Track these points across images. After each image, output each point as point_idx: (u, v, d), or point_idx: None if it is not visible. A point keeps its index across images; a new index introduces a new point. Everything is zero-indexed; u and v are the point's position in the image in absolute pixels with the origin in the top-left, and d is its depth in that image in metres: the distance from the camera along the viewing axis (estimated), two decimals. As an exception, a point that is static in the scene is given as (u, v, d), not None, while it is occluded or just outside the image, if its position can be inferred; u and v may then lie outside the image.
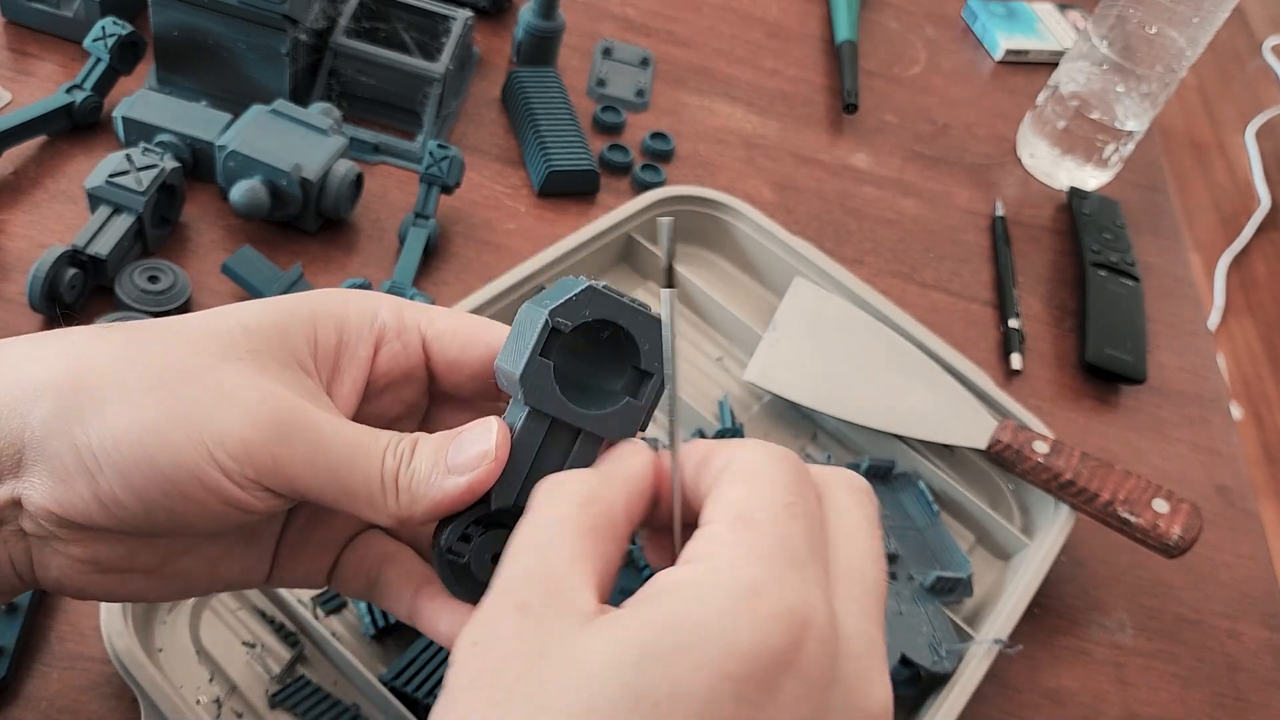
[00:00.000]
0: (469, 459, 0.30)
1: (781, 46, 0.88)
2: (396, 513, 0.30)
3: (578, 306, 0.29)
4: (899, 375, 0.60)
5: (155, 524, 0.29)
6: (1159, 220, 0.86)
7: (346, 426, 0.30)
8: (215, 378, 0.29)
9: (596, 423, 0.30)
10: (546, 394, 0.30)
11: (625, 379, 0.31)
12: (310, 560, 0.34)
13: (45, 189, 0.59)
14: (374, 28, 0.69)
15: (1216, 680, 0.58)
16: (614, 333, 0.30)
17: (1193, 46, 0.76)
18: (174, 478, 0.28)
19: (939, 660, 0.49)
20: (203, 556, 0.32)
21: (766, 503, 0.26)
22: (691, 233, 0.68)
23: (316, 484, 0.29)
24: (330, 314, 0.32)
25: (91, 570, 0.30)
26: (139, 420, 0.28)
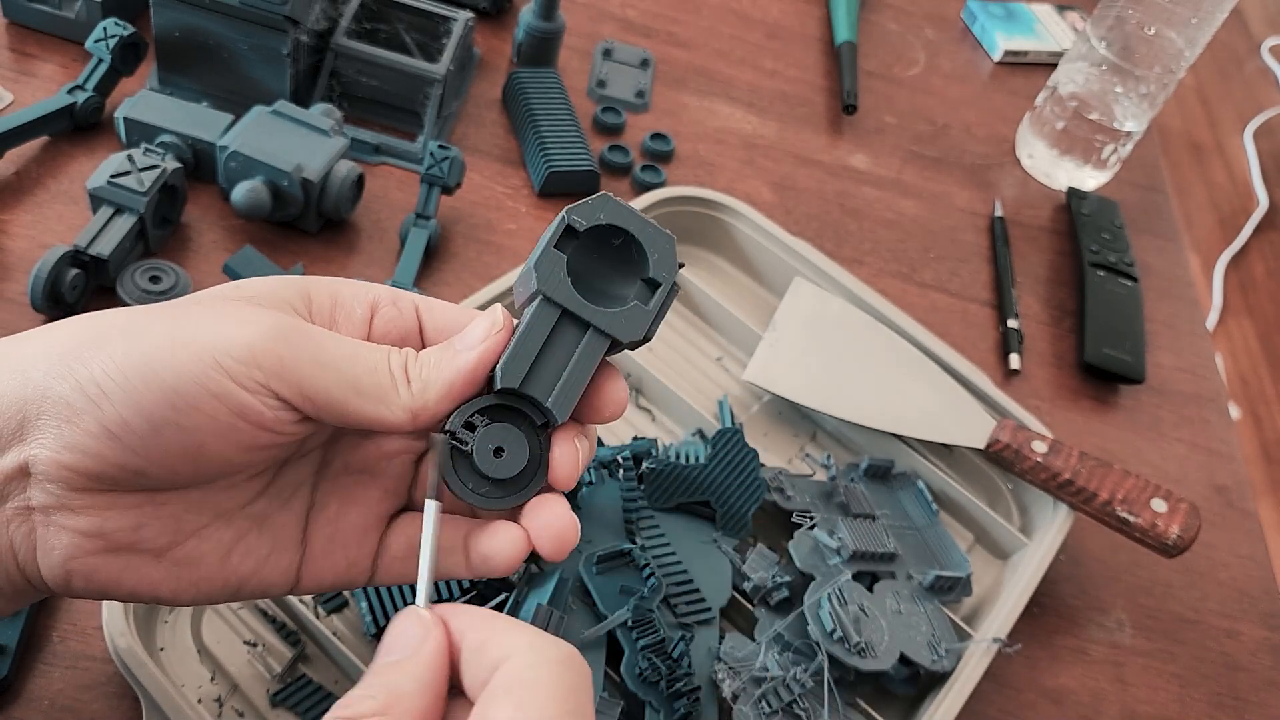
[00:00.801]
0: (477, 334, 0.31)
1: (781, 47, 0.88)
2: (409, 403, 0.30)
3: (593, 209, 0.31)
4: (898, 375, 0.60)
5: (168, 450, 0.28)
6: (1157, 221, 0.86)
7: (349, 339, 0.31)
8: (215, 308, 0.30)
9: (605, 319, 0.31)
10: (557, 282, 0.31)
11: (635, 289, 0.32)
12: (349, 549, 0.34)
13: (47, 189, 0.60)
14: (375, 29, 0.69)
15: (1215, 679, 0.59)
16: (625, 244, 0.32)
17: (1191, 47, 0.76)
18: (179, 388, 0.28)
19: (938, 659, 0.49)
20: (213, 540, 0.32)
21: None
22: (691, 233, 0.68)
23: (324, 382, 0.29)
24: (322, 284, 0.33)
25: (98, 549, 0.30)
26: (141, 346, 0.28)
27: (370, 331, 0.33)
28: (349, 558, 0.34)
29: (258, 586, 0.33)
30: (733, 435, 0.52)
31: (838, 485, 0.54)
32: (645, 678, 0.43)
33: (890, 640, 0.48)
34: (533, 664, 0.26)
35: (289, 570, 0.33)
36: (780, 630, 0.48)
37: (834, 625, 0.47)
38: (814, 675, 0.46)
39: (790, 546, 0.51)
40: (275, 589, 0.33)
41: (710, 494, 0.51)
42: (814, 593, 0.49)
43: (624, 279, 0.32)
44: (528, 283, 0.31)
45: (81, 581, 0.30)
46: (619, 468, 0.50)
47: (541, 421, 0.32)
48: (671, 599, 0.47)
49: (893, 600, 0.50)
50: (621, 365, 0.60)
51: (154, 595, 0.31)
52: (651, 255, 0.31)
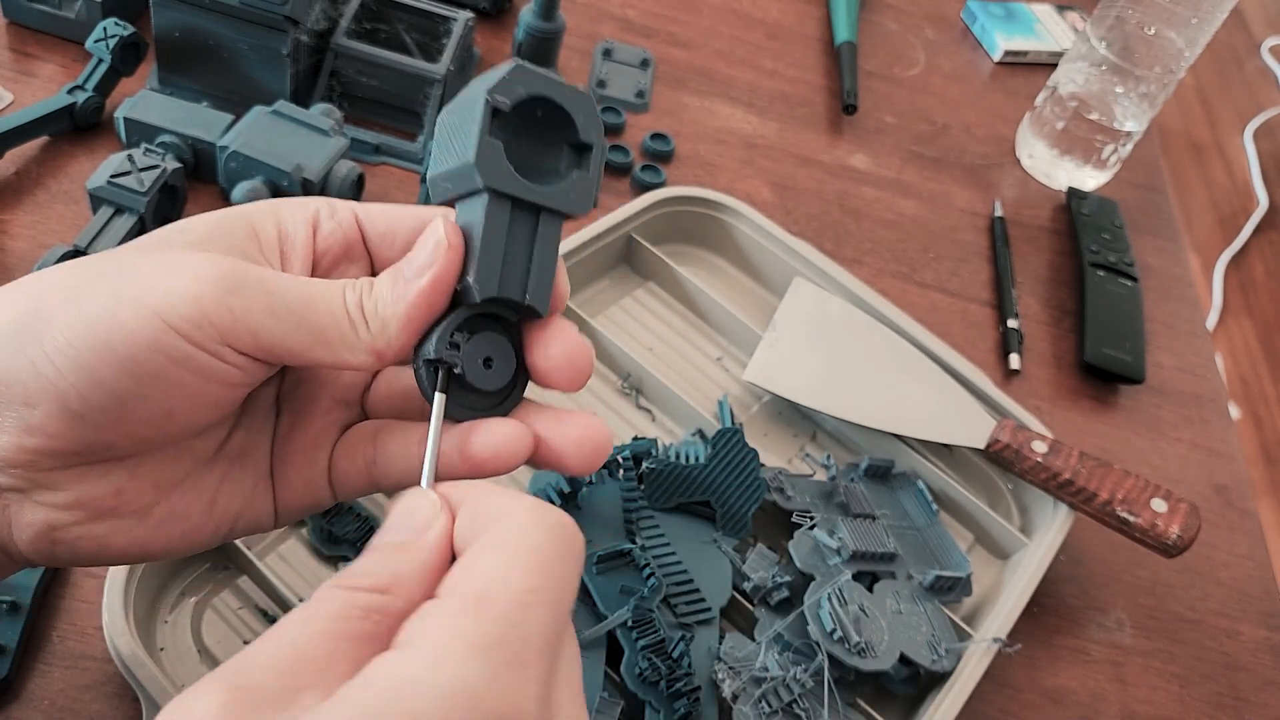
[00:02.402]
0: (424, 256, 0.29)
1: (781, 47, 0.88)
2: (371, 343, 0.29)
3: (512, 84, 0.29)
4: (898, 375, 0.60)
5: (134, 420, 0.28)
6: (1157, 221, 0.86)
7: (299, 278, 0.29)
8: (156, 258, 0.28)
9: (556, 198, 0.30)
10: (502, 172, 0.29)
11: (565, 157, 0.31)
12: (303, 467, 0.33)
13: (47, 189, 0.60)
14: (375, 29, 0.69)
15: (1215, 679, 0.59)
16: (547, 112, 0.30)
17: (1191, 47, 0.76)
18: (135, 357, 0.26)
19: (938, 659, 0.49)
20: (197, 490, 0.31)
21: (512, 586, 0.24)
22: (691, 233, 0.68)
23: (282, 331, 0.28)
24: (265, 212, 0.31)
25: (79, 519, 0.29)
26: (87, 313, 0.27)
27: (315, 251, 0.32)
28: (304, 476, 0.33)
29: (246, 524, 0.32)
30: (733, 435, 0.52)
31: (838, 485, 0.54)
32: (645, 678, 0.43)
33: (890, 640, 0.48)
34: (524, 525, 0.25)
35: (270, 501, 0.32)
36: (780, 630, 0.48)
37: (834, 625, 0.47)
38: (814, 675, 0.46)
39: (790, 546, 0.51)
40: (262, 524, 0.33)
41: (710, 494, 0.51)
42: (814, 593, 0.49)
43: (550, 148, 0.31)
44: (466, 179, 0.29)
45: (66, 551, 0.29)
46: (619, 468, 0.50)
47: (515, 319, 0.31)
48: (671, 599, 0.47)
49: (893, 600, 0.50)
50: (621, 364, 0.60)
51: (144, 554, 0.30)
52: (577, 119, 0.30)
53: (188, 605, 0.46)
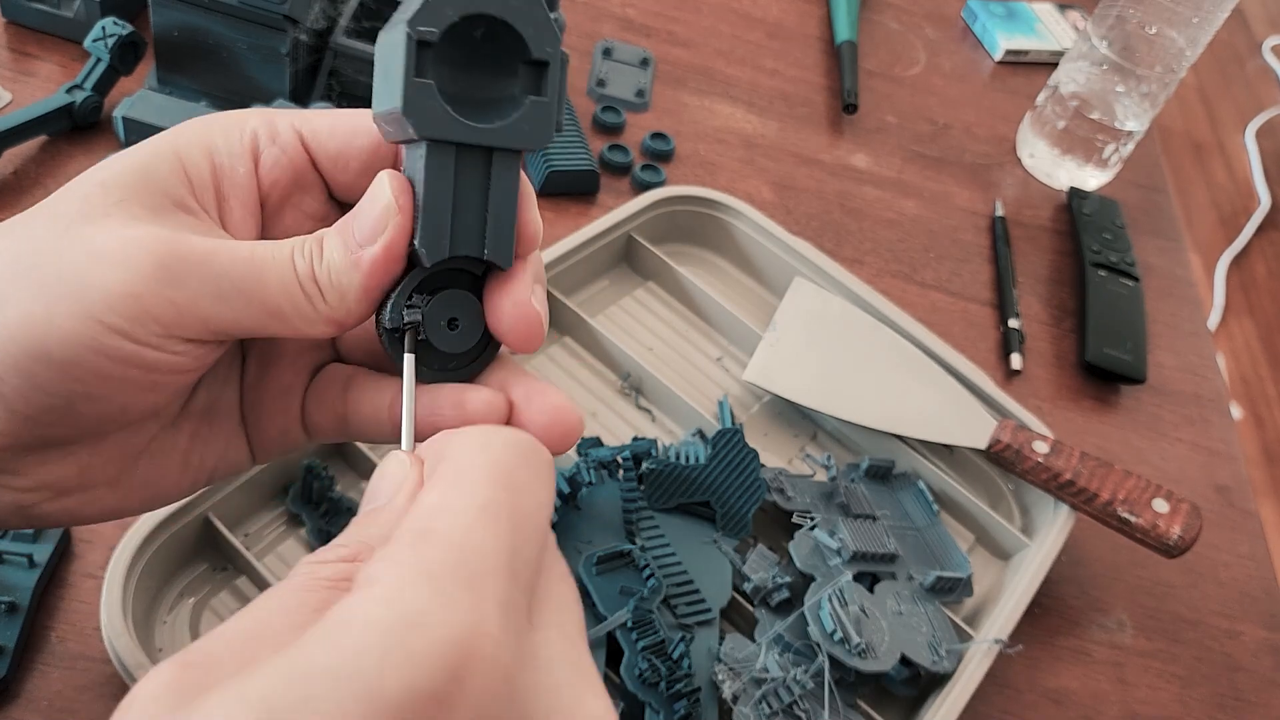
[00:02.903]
0: (373, 222, 0.26)
1: (781, 47, 0.88)
2: (329, 314, 0.27)
3: (437, 8, 0.25)
4: (899, 375, 0.60)
5: (86, 418, 0.26)
6: (1159, 220, 0.86)
7: (242, 246, 0.27)
8: (80, 243, 0.25)
9: (506, 135, 0.26)
10: (437, 117, 0.25)
11: (520, 80, 0.26)
12: (277, 414, 0.31)
13: (46, 189, 0.60)
14: (374, 28, 0.69)
15: (1216, 680, 0.59)
16: (488, 29, 0.26)
17: (1192, 47, 0.76)
18: (78, 362, 0.25)
19: (939, 660, 0.49)
20: (167, 453, 0.29)
21: (458, 507, 0.22)
22: (691, 232, 0.68)
23: (232, 313, 0.26)
24: (194, 143, 0.28)
25: (46, 498, 0.28)
26: (19, 316, 0.25)
27: (260, 185, 0.29)
28: (277, 424, 0.31)
29: (223, 472, 0.31)
30: (733, 435, 0.52)
31: (838, 486, 0.54)
32: (645, 679, 0.43)
33: (891, 641, 0.48)
34: (469, 450, 0.24)
35: (245, 448, 0.31)
36: (780, 631, 0.48)
37: (834, 626, 0.47)
38: (814, 676, 0.46)
39: (790, 547, 0.51)
40: (240, 468, 0.32)
41: (710, 494, 0.51)
42: (814, 593, 0.48)
43: (500, 72, 0.27)
44: (400, 127, 0.26)
45: (39, 521, 0.28)
46: (619, 468, 0.50)
47: (481, 270, 0.29)
48: (671, 599, 0.47)
49: (893, 601, 0.50)
50: (621, 364, 0.60)
51: (120, 515, 0.29)
52: (526, 32, 0.26)
53: (186, 606, 0.46)
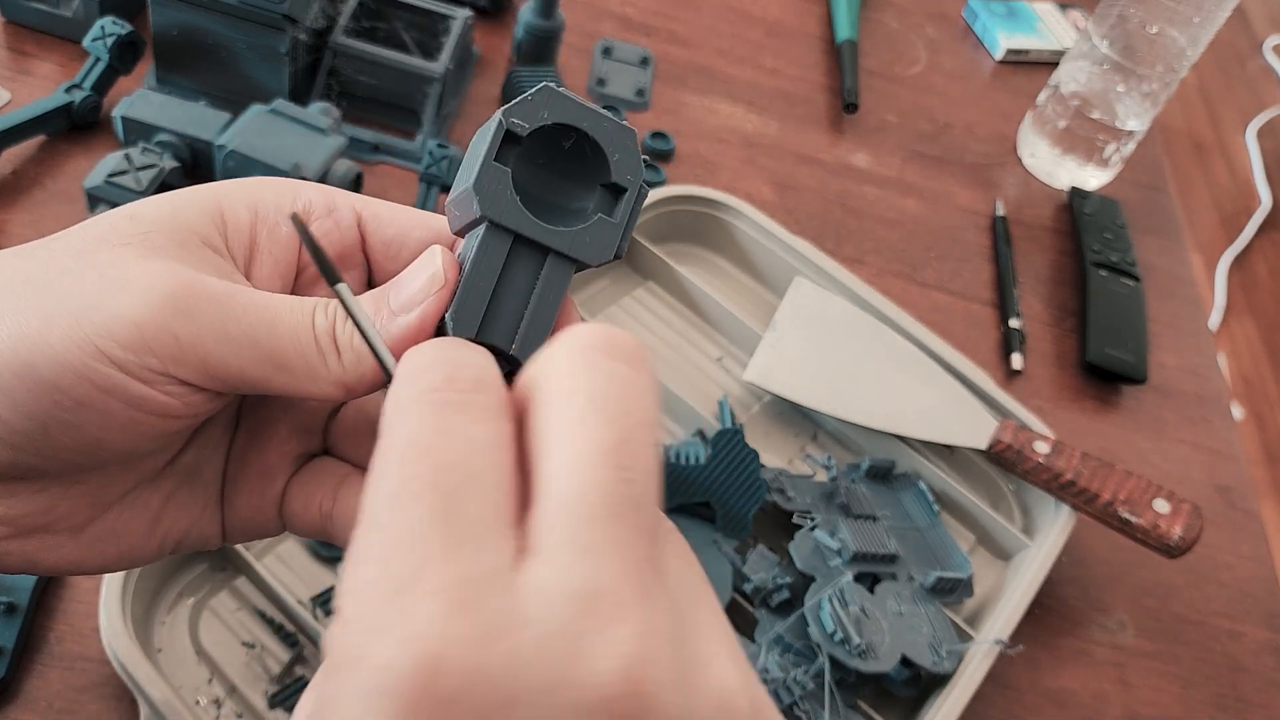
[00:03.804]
0: (416, 290, 0.25)
1: (782, 46, 0.88)
2: (341, 376, 0.25)
3: (534, 108, 0.25)
4: (899, 375, 0.60)
5: (60, 447, 0.25)
6: (1160, 220, 0.85)
7: (259, 293, 0.25)
8: (95, 266, 0.24)
9: (567, 240, 0.26)
10: (505, 203, 0.25)
11: (595, 199, 0.27)
12: (253, 495, 0.29)
13: (44, 188, 0.59)
14: (373, 27, 0.69)
15: (1217, 681, 0.58)
16: (577, 144, 0.26)
17: (1193, 46, 0.76)
18: (62, 385, 0.23)
19: (939, 661, 0.49)
20: (139, 508, 0.28)
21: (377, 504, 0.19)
22: (692, 232, 0.68)
23: (237, 360, 0.24)
24: (239, 193, 0.27)
25: (6, 534, 0.26)
26: (10, 326, 0.24)
27: (302, 253, 0.28)
28: (253, 504, 0.29)
29: (191, 543, 0.29)
30: (733, 436, 0.52)
31: (839, 486, 0.54)
32: (645, 680, 0.43)
33: (891, 642, 0.48)
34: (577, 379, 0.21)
35: (216, 521, 0.29)
36: (781, 632, 0.47)
37: (835, 627, 0.47)
38: (815, 677, 0.46)
39: (791, 547, 0.50)
40: (208, 543, 0.30)
41: (710, 495, 0.51)
42: (815, 594, 0.48)
43: (579, 186, 0.27)
44: (467, 206, 0.26)
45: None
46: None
47: (506, 369, 0.27)
48: (671, 600, 0.47)
49: (894, 601, 0.50)
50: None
51: (76, 570, 0.27)
52: (612, 155, 0.26)
53: (185, 606, 0.46)
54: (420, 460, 0.19)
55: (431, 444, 0.19)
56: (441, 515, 0.18)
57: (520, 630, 0.17)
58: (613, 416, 0.20)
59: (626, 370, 0.21)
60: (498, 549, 0.18)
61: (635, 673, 0.17)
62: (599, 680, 0.17)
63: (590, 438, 0.19)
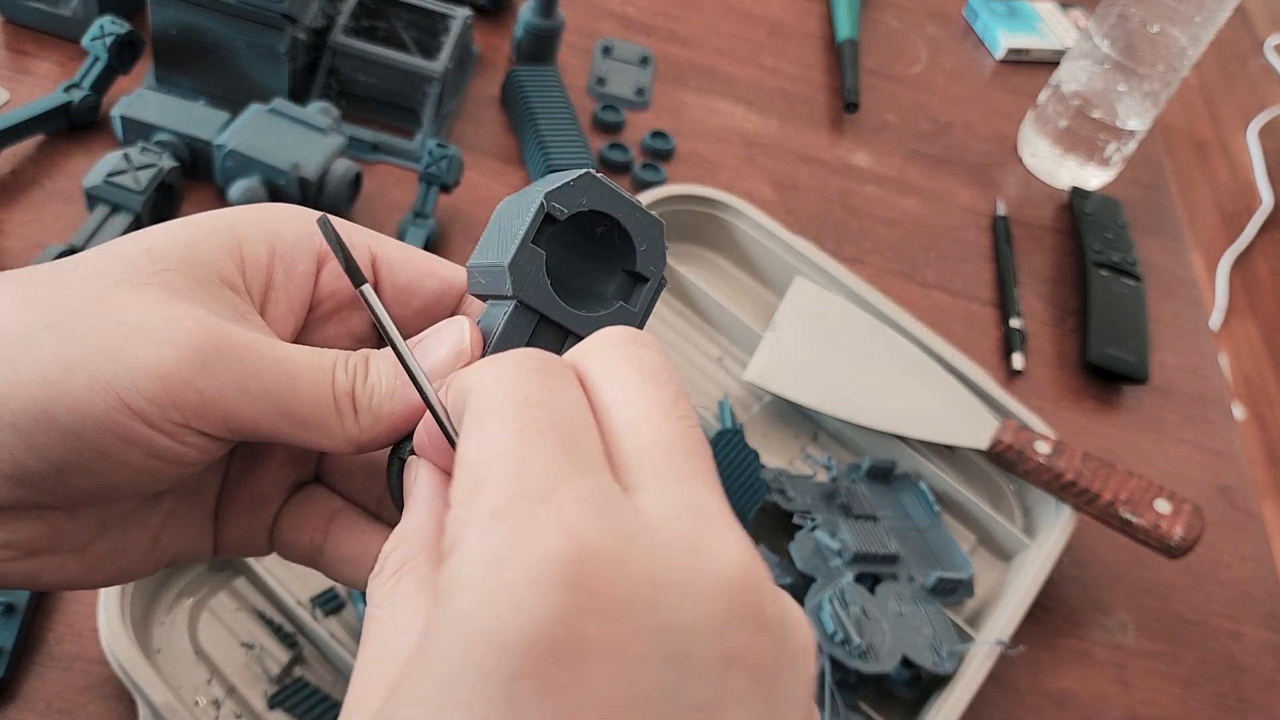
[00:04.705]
0: (440, 361, 0.26)
1: (782, 45, 0.87)
2: (356, 436, 0.26)
3: (575, 194, 0.26)
4: (900, 375, 0.60)
5: (74, 490, 0.25)
6: (1161, 220, 0.85)
7: (279, 346, 0.26)
8: (117, 310, 0.24)
9: (590, 325, 0.27)
10: (537, 286, 0.26)
11: (615, 283, 0.28)
12: (244, 518, 0.30)
13: (43, 188, 0.59)
14: (373, 26, 0.69)
15: (1218, 681, 0.58)
16: (607, 230, 0.27)
17: (1195, 45, 0.75)
18: (82, 434, 0.23)
19: (940, 661, 0.49)
20: (140, 527, 0.28)
21: (499, 443, 0.21)
22: (692, 232, 0.67)
23: (255, 415, 0.25)
24: (257, 225, 0.27)
25: (11, 557, 0.26)
26: (30, 372, 0.23)
27: (316, 289, 0.28)
28: (242, 528, 0.30)
29: (186, 558, 0.30)
30: (733, 436, 0.52)
31: (839, 486, 0.54)
32: (644, 680, 0.43)
33: (892, 642, 0.48)
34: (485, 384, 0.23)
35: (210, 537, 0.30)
36: (781, 632, 0.47)
37: (835, 627, 0.47)
38: (815, 678, 0.46)
39: (791, 548, 0.50)
40: (201, 558, 0.30)
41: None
42: (815, 594, 0.48)
43: (602, 269, 0.28)
44: (498, 282, 0.27)
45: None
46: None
47: None
48: (671, 601, 0.47)
49: (895, 602, 0.50)
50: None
51: (77, 586, 0.28)
52: (639, 245, 0.27)
53: (184, 607, 0.46)
54: (538, 407, 0.22)
55: (544, 397, 0.22)
56: (565, 448, 0.21)
57: (652, 535, 0.20)
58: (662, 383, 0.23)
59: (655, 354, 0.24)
60: (611, 479, 0.21)
61: (750, 565, 0.20)
62: (727, 573, 0.20)
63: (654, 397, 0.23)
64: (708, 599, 0.20)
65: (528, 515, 0.20)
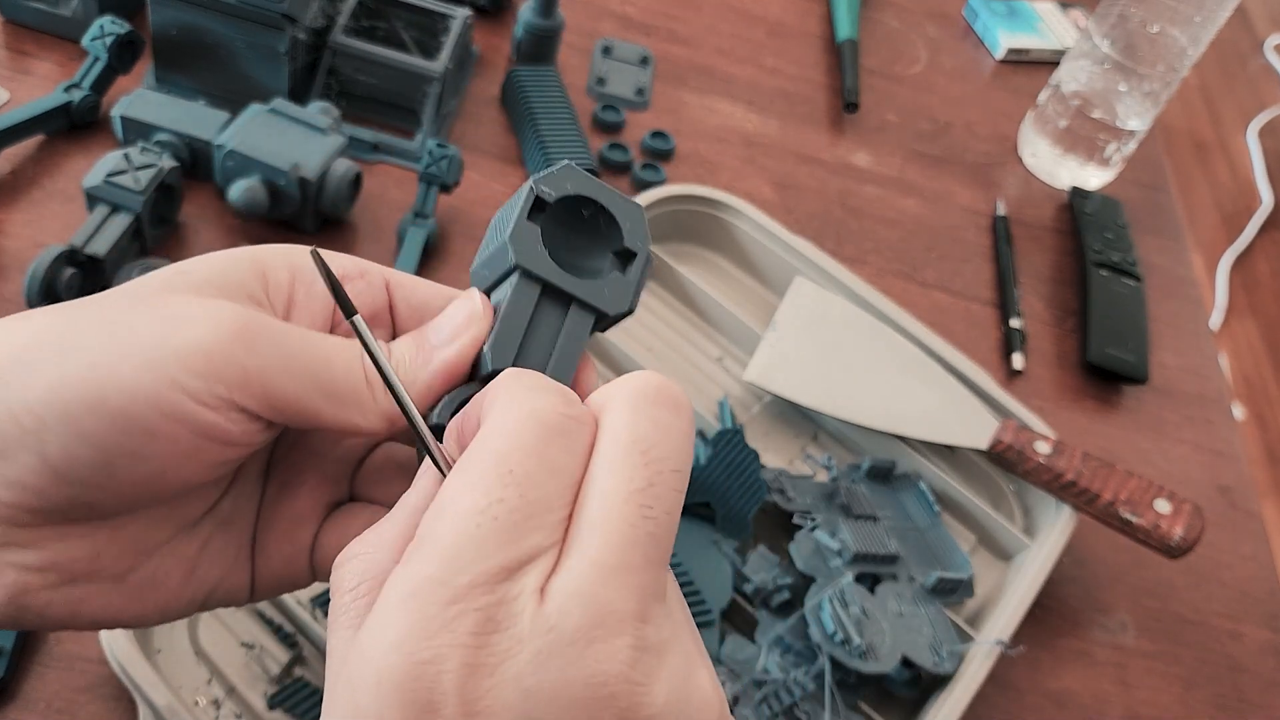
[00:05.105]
0: (455, 325, 0.29)
1: (782, 45, 0.88)
2: (386, 409, 0.28)
3: (560, 180, 0.30)
4: (900, 375, 0.60)
5: (121, 481, 0.26)
6: (1161, 220, 0.85)
7: (312, 333, 0.28)
8: (159, 307, 0.26)
9: (589, 291, 0.30)
10: (536, 254, 0.29)
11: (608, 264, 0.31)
12: (285, 543, 0.31)
13: (43, 188, 0.59)
14: (373, 26, 0.69)
15: (1218, 681, 0.58)
16: (594, 215, 0.30)
17: (1195, 45, 0.75)
18: (132, 413, 0.24)
19: (940, 661, 0.49)
20: (177, 556, 0.29)
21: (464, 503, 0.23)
22: (692, 232, 0.67)
23: (296, 391, 0.26)
24: (277, 255, 0.29)
25: (51, 583, 0.27)
26: (79, 363, 0.25)
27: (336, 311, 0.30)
28: (284, 553, 0.31)
29: (222, 596, 0.30)
30: (733, 436, 0.52)
31: (839, 486, 0.54)
32: (644, 681, 0.43)
33: (892, 642, 0.48)
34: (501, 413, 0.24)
35: (247, 572, 0.31)
36: (781, 633, 0.47)
37: (835, 627, 0.47)
38: (815, 678, 0.46)
39: (791, 548, 0.50)
40: (237, 598, 0.31)
41: (711, 495, 0.51)
42: (815, 595, 0.48)
43: (593, 252, 0.31)
44: (499, 260, 0.29)
45: (34, 617, 0.27)
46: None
47: None
48: (671, 601, 0.47)
49: (895, 602, 0.50)
50: (621, 364, 0.59)
51: (116, 622, 0.29)
52: (624, 225, 0.30)
53: (184, 607, 0.46)
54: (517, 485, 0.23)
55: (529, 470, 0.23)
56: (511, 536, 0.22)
57: (539, 637, 0.21)
58: (648, 461, 0.24)
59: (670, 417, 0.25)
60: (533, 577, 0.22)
61: (629, 675, 0.21)
62: (601, 678, 0.21)
63: (628, 476, 0.24)
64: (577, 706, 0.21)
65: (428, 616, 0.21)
